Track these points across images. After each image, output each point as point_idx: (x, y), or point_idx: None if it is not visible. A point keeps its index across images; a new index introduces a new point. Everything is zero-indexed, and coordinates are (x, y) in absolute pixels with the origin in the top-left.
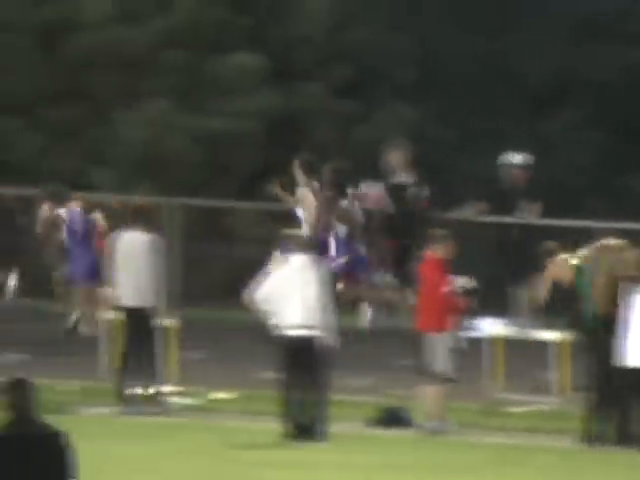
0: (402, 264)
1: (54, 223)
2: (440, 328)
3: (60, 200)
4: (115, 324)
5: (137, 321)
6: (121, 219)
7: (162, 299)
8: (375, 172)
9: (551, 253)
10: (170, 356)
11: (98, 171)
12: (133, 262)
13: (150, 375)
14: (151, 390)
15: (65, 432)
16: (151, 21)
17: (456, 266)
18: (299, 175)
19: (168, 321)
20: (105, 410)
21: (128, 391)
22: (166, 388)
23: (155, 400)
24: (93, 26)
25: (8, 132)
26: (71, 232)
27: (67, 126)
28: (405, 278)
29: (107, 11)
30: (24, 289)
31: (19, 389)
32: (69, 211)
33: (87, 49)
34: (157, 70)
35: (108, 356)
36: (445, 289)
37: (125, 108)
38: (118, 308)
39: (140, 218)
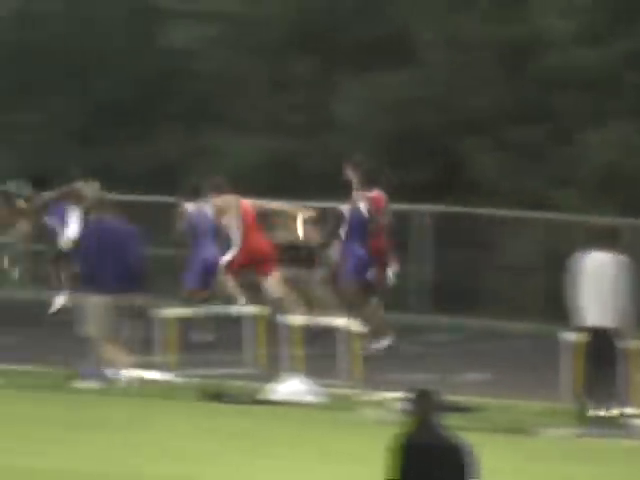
0: None
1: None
2: None
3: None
4: (579, 344)
5: (601, 342)
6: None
7: (629, 320)
8: None
9: None
10: (634, 378)
11: (562, 192)
12: (600, 283)
13: (611, 396)
14: (614, 412)
15: (467, 445)
16: (616, 41)
17: None
18: None
19: (633, 342)
20: (566, 431)
21: (591, 412)
22: (630, 410)
23: (618, 422)
24: (559, 46)
25: (473, 151)
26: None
27: (531, 146)
28: None
29: (572, 31)
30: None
31: (423, 400)
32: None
33: (553, 69)
34: (621, 91)
35: (571, 376)
36: None
37: (590, 129)
38: (583, 329)
39: (607, 239)
